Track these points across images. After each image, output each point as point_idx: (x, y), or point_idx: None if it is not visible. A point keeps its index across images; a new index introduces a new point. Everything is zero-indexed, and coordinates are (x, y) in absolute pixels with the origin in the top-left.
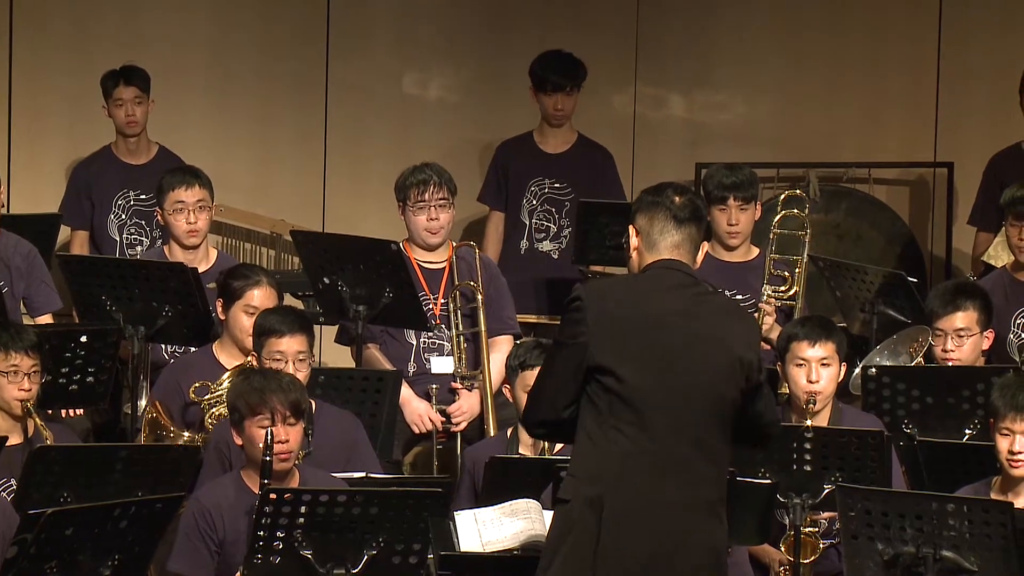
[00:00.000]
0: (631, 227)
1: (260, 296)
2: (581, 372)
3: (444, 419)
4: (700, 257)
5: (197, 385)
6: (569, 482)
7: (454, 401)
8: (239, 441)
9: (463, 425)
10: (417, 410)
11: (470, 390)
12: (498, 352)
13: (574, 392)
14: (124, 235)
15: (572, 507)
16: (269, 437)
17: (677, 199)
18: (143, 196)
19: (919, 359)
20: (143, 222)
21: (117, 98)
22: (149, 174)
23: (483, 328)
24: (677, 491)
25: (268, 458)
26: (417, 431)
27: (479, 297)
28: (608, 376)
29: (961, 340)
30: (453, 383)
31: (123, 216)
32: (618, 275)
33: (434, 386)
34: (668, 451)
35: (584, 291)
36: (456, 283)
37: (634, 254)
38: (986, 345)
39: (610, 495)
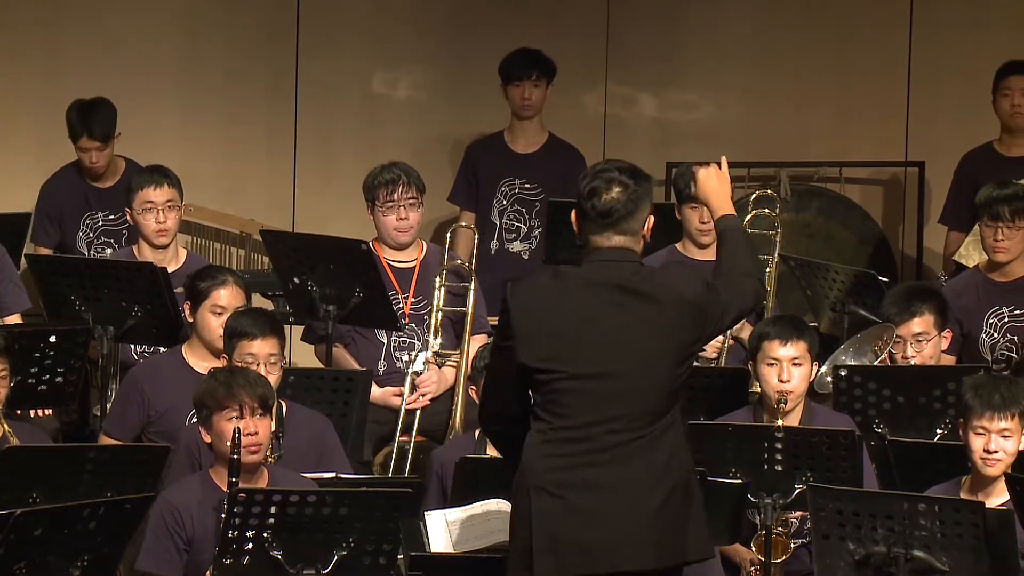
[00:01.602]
0: (573, 212)
1: (227, 296)
2: (515, 372)
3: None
4: (648, 227)
5: None
6: (516, 475)
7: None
8: (207, 438)
9: (427, 398)
10: (378, 396)
11: (440, 367)
12: (474, 349)
13: (516, 391)
14: (92, 252)
15: (514, 499)
16: (237, 435)
17: (605, 197)
18: (111, 216)
19: (884, 356)
20: (111, 239)
21: (81, 147)
22: (117, 193)
23: (470, 310)
24: (610, 475)
25: (236, 456)
26: (396, 407)
27: (473, 278)
28: (539, 373)
29: (920, 344)
30: (427, 358)
31: (91, 235)
32: (553, 269)
33: (405, 357)
34: (599, 437)
35: (511, 291)
36: (445, 262)
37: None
38: (945, 345)
39: (541, 485)
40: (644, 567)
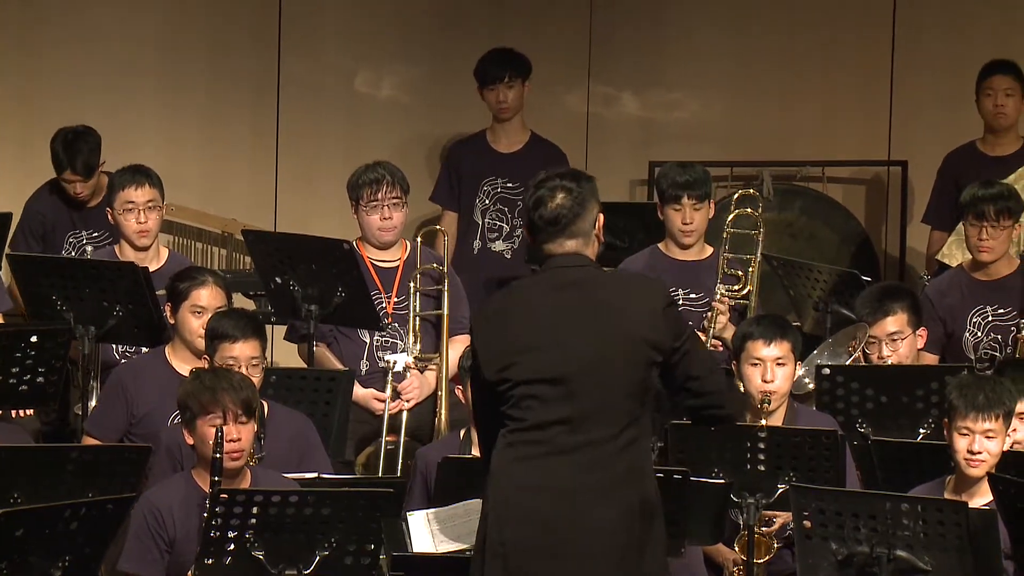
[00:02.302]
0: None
1: (207, 295)
2: (486, 391)
3: (394, 397)
4: (599, 226)
5: None
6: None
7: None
8: (190, 440)
9: (412, 403)
10: (360, 397)
11: (422, 371)
12: (453, 350)
13: (494, 411)
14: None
15: (483, 504)
16: (219, 435)
17: (550, 205)
18: (95, 234)
19: (857, 355)
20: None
21: (64, 179)
22: (101, 212)
23: (446, 311)
24: (566, 480)
25: (218, 455)
26: (378, 411)
27: (445, 280)
28: (499, 384)
29: (895, 344)
30: (408, 363)
31: (74, 253)
32: (512, 283)
33: (390, 360)
34: (555, 438)
35: (474, 317)
36: (420, 264)
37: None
38: (920, 344)
39: (494, 489)
40: None
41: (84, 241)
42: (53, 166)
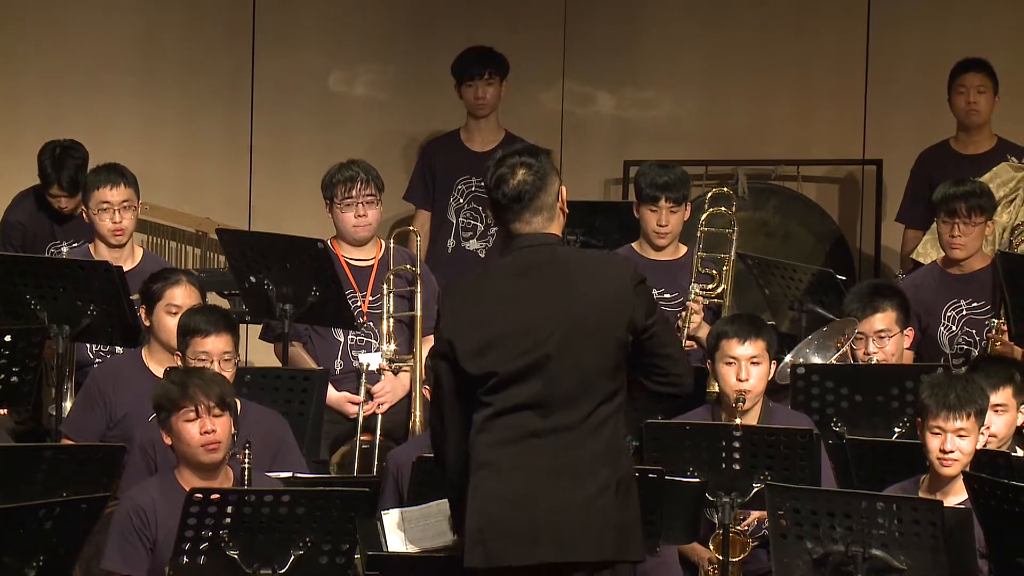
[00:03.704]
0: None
1: (181, 294)
2: (454, 373)
3: (368, 400)
4: (563, 198)
5: None
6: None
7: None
8: (168, 440)
9: (385, 407)
10: (334, 400)
11: (396, 373)
12: (426, 351)
13: (460, 396)
14: None
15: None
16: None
17: (511, 182)
18: (75, 244)
19: (845, 350)
20: None
21: (51, 193)
22: (82, 222)
23: (419, 313)
24: (543, 461)
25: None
26: (352, 415)
27: (418, 281)
28: (476, 376)
29: (882, 341)
30: (381, 364)
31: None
32: (481, 266)
33: (363, 360)
34: (522, 419)
35: (443, 293)
36: (392, 266)
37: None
38: (907, 343)
39: (473, 475)
40: (570, 559)
41: (64, 252)
42: (39, 178)
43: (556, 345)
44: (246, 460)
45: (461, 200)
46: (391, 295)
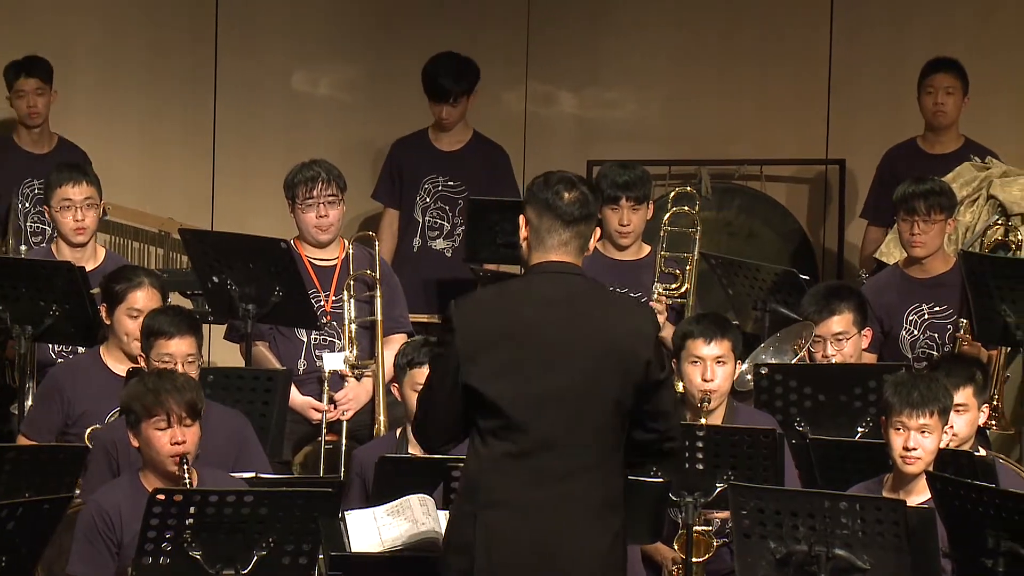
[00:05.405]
0: (521, 217)
1: (143, 298)
2: (459, 391)
3: (332, 406)
4: (592, 244)
5: None
6: (455, 496)
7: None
8: (135, 443)
9: (350, 414)
10: (298, 404)
11: (359, 379)
12: (389, 350)
13: (458, 408)
14: (28, 223)
15: (457, 521)
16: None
17: (567, 195)
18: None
19: (803, 354)
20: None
21: (19, 89)
22: (51, 163)
23: (379, 317)
24: (551, 497)
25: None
26: (315, 421)
27: (378, 286)
28: (480, 393)
29: (840, 344)
30: (343, 371)
31: (27, 204)
32: (498, 283)
33: (327, 372)
34: (541, 459)
35: (455, 310)
36: (353, 271)
37: (524, 244)
38: (865, 344)
39: (482, 508)
40: None
41: (36, 191)
42: (7, 86)
43: (575, 383)
44: (186, 475)
45: (428, 199)
46: (352, 300)
